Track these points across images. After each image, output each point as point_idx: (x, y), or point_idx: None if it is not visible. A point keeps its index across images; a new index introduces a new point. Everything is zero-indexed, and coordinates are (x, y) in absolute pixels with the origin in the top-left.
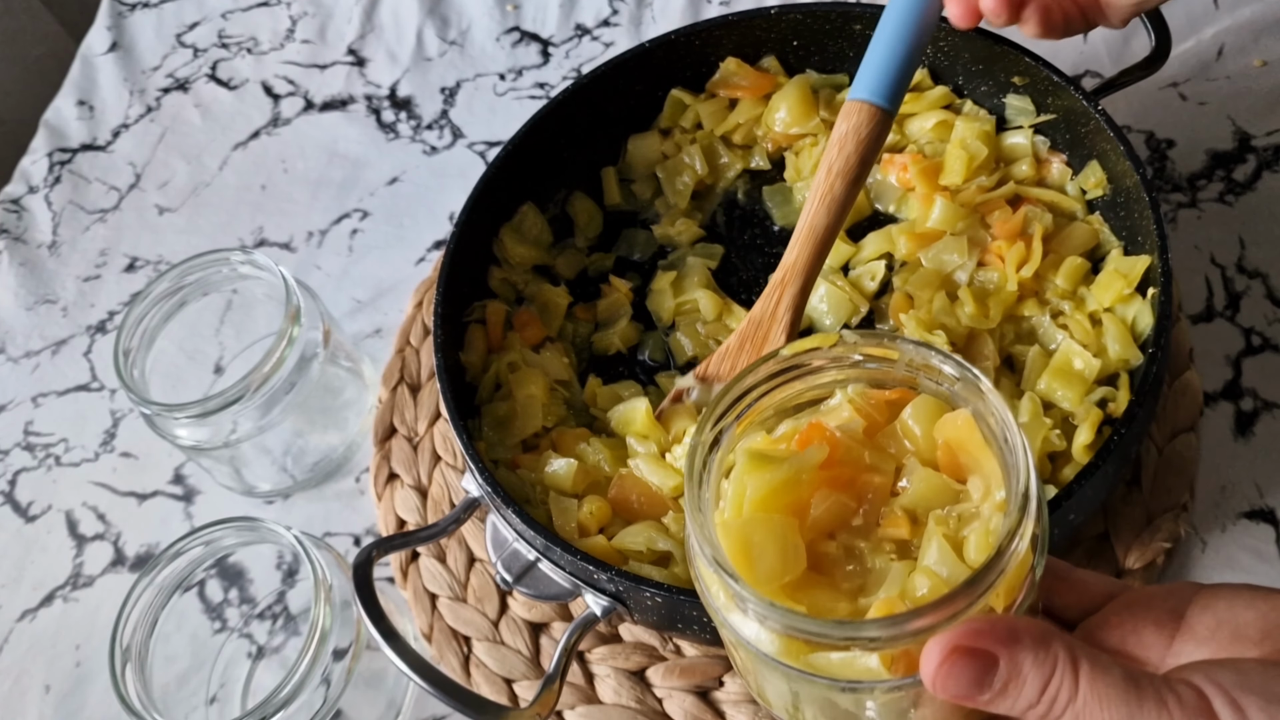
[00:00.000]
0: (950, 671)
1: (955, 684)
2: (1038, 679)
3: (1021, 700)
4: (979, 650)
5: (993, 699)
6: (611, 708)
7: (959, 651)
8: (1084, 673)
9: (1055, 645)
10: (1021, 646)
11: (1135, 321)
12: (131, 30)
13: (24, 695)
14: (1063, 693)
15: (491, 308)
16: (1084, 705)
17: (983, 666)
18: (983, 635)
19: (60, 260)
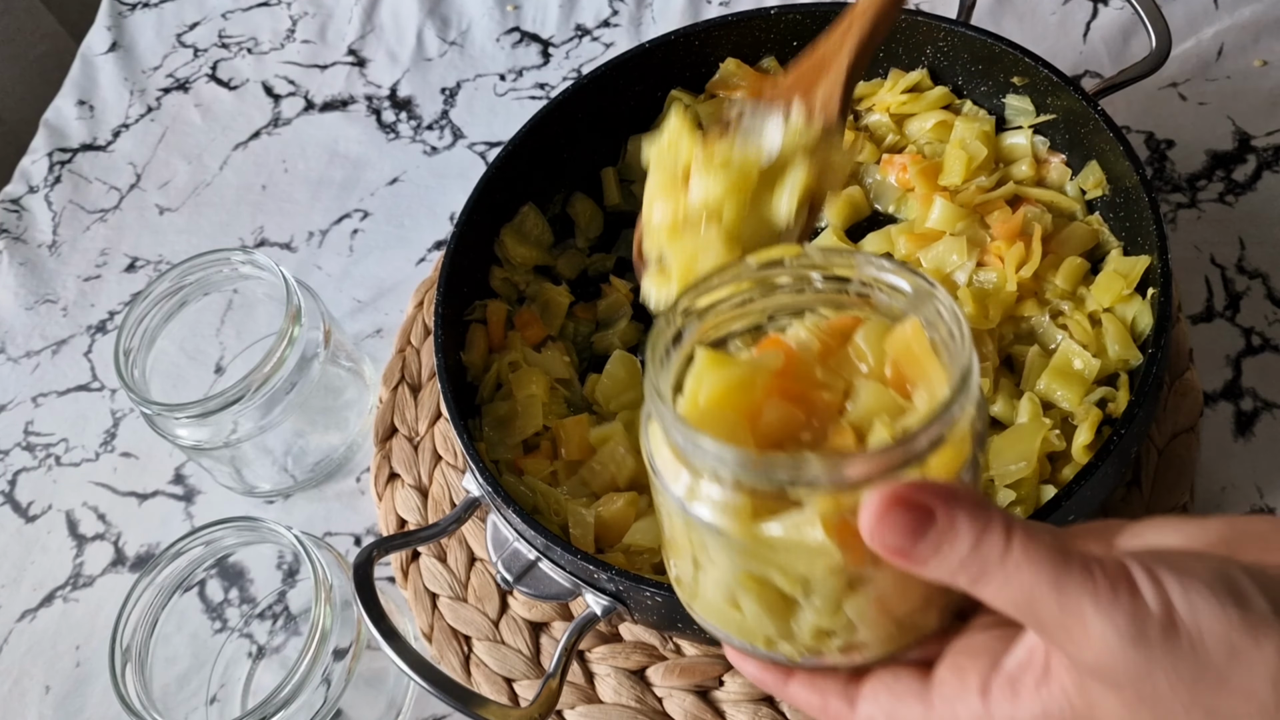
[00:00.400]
0: (888, 521)
1: (892, 534)
2: (971, 535)
3: (955, 556)
4: (917, 503)
5: (927, 553)
6: (611, 707)
7: (897, 501)
8: (1016, 535)
9: (991, 509)
10: (960, 504)
11: (1135, 322)
12: (132, 30)
13: (24, 696)
14: (994, 551)
15: (493, 307)
16: (1014, 564)
17: (919, 519)
18: (922, 490)
19: (61, 260)
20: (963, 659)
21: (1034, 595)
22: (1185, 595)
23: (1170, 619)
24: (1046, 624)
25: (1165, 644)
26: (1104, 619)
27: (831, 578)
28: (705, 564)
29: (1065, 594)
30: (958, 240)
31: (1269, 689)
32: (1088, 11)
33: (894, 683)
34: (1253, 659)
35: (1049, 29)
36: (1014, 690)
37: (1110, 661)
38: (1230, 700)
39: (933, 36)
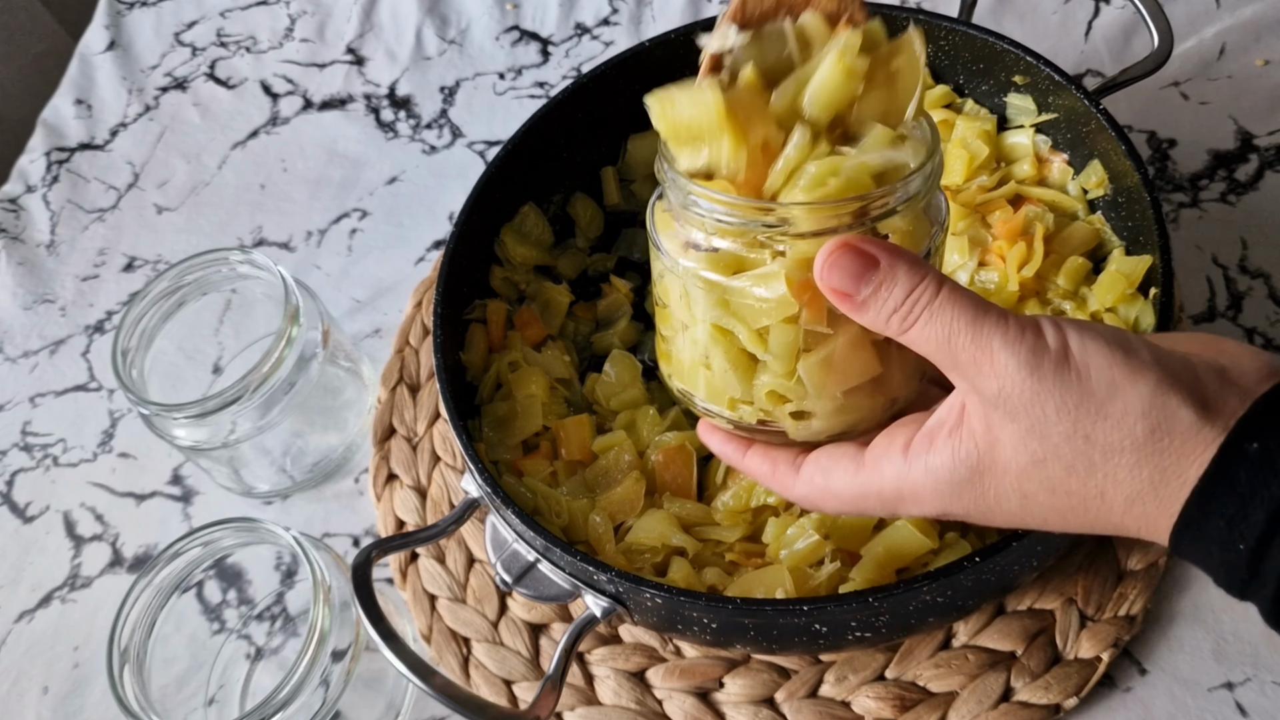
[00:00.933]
0: (837, 261)
1: (839, 274)
2: (907, 283)
3: (891, 301)
4: (864, 251)
5: (868, 296)
6: (611, 709)
7: (848, 246)
8: (946, 287)
9: (927, 266)
10: (901, 258)
11: (1137, 322)
12: (130, 29)
13: (22, 697)
14: (925, 295)
15: (492, 306)
16: (940, 306)
17: (864, 263)
18: (871, 242)
19: (59, 260)
20: (895, 429)
21: (953, 332)
22: (1081, 340)
23: (1064, 355)
24: (961, 359)
25: (1056, 374)
26: (1008, 351)
27: (788, 331)
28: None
29: (980, 332)
30: (959, 240)
31: (1139, 418)
32: (1089, 10)
33: (835, 450)
34: (1128, 394)
35: (1050, 28)
36: (930, 441)
37: (1010, 388)
38: (1105, 427)
39: (934, 35)
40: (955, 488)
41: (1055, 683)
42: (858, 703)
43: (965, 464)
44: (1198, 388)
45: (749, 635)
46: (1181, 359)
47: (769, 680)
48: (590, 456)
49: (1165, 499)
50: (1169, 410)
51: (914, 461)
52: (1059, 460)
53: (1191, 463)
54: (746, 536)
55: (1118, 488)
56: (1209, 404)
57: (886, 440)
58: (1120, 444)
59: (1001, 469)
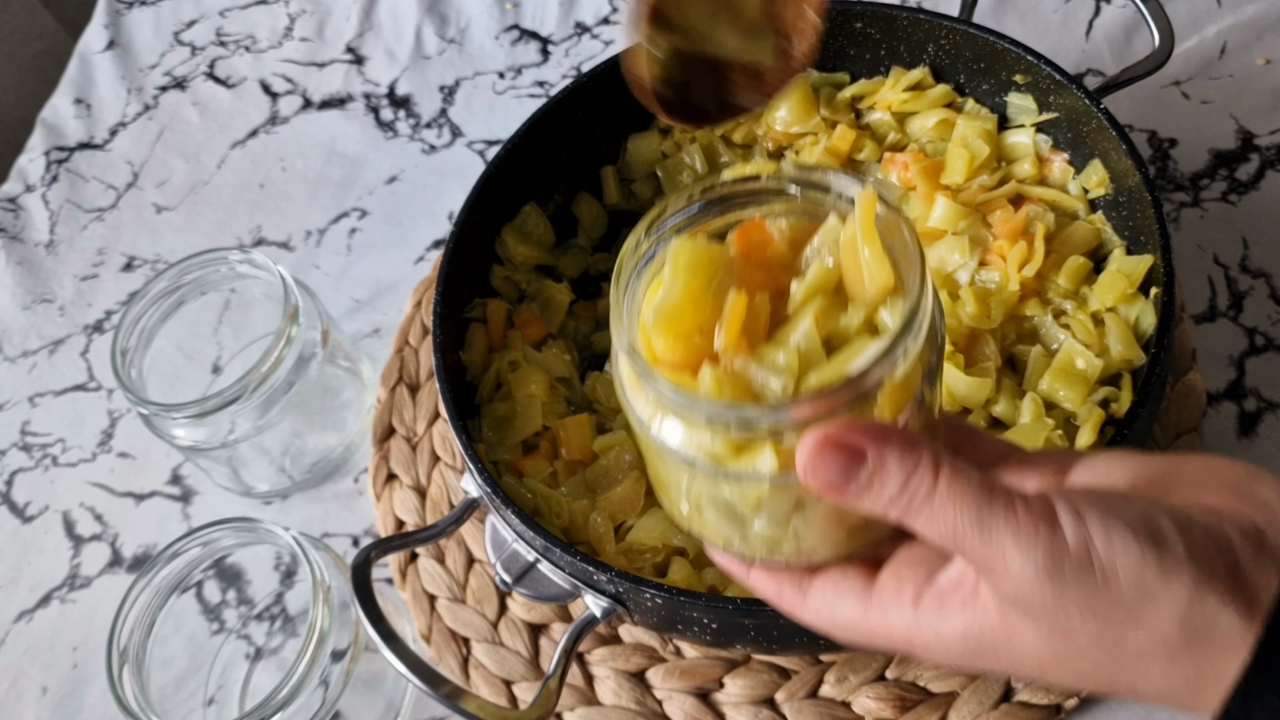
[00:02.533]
0: (821, 460)
1: (825, 472)
2: (899, 474)
3: (885, 494)
4: (849, 444)
5: (859, 491)
6: (611, 709)
7: (830, 442)
8: (944, 474)
9: (921, 449)
10: (890, 445)
11: (1138, 321)
12: (129, 28)
13: (21, 697)
14: (922, 489)
15: (492, 306)
16: (940, 502)
17: (851, 459)
18: (854, 431)
19: (57, 259)
20: (904, 568)
21: (958, 530)
22: (1106, 534)
23: (1087, 556)
24: (970, 558)
25: (1080, 580)
26: (1023, 554)
27: (779, 502)
28: (671, 479)
29: (988, 530)
30: (960, 239)
31: (1174, 626)
32: (1090, 9)
33: (841, 580)
34: (1161, 598)
35: (1051, 27)
36: (942, 605)
37: (1028, 594)
38: (1137, 635)
39: (934, 34)
40: (967, 657)
41: None
42: (858, 703)
43: (978, 640)
44: (1236, 572)
45: (749, 635)
46: (1217, 534)
47: (769, 680)
48: (590, 456)
49: (1202, 695)
50: (1207, 615)
51: (923, 620)
52: (1084, 659)
53: (1232, 659)
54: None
55: (1149, 684)
56: (1250, 594)
57: (895, 583)
58: (1154, 650)
59: (1019, 655)
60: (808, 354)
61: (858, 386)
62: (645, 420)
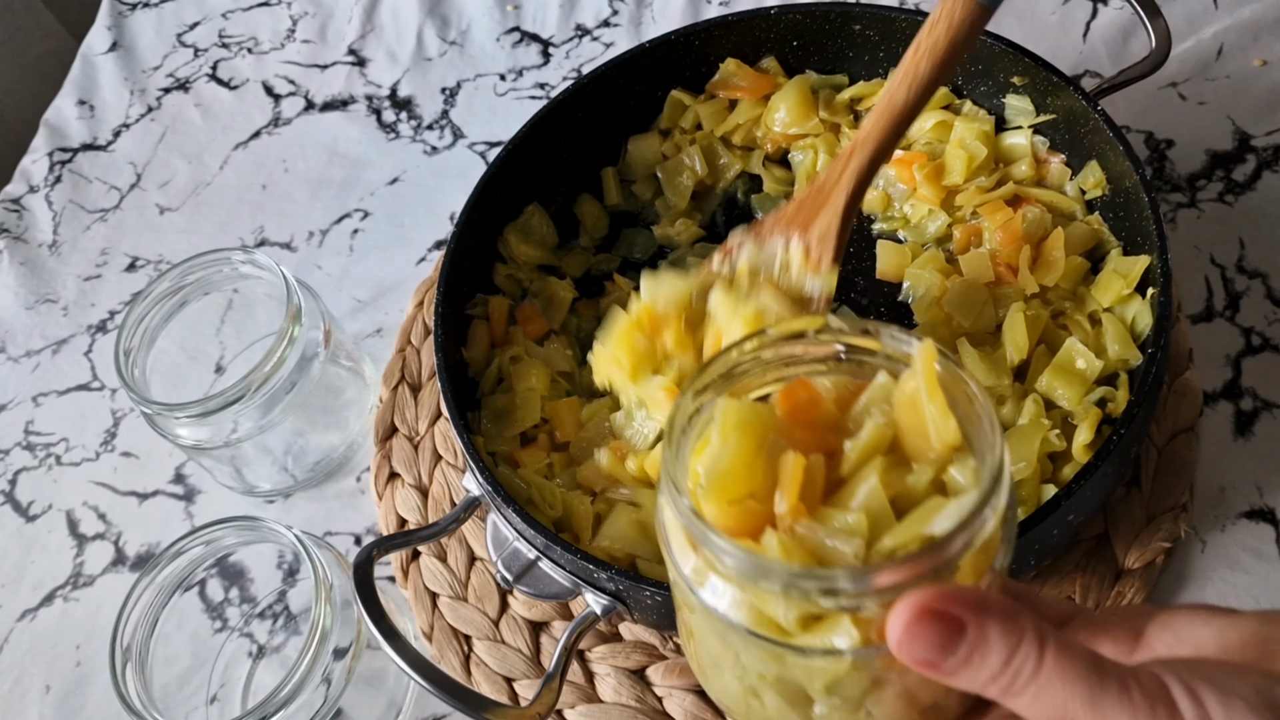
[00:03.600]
0: (917, 632)
1: (921, 646)
2: (1003, 649)
3: (985, 670)
4: (948, 614)
5: (957, 666)
6: (611, 706)
7: (928, 613)
8: (1050, 649)
9: (1024, 620)
10: (991, 616)
11: (1135, 321)
12: (132, 30)
13: (24, 695)
14: (1027, 665)
15: (494, 302)
16: (1047, 679)
17: (950, 631)
18: (953, 600)
19: (61, 260)
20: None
21: (1068, 712)
22: (1227, 715)
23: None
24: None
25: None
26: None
27: (855, 682)
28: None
29: (1101, 713)
30: (978, 290)
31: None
32: (1087, 11)
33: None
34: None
35: (1049, 29)
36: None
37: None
38: None
39: None
40: None
41: None
42: None
43: None
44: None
45: None
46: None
47: None
48: (581, 430)
49: None
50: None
51: None
52: None
53: None
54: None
55: None
56: None
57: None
58: None
59: None
60: (877, 515)
61: (948, 548)
62: (697, 589)
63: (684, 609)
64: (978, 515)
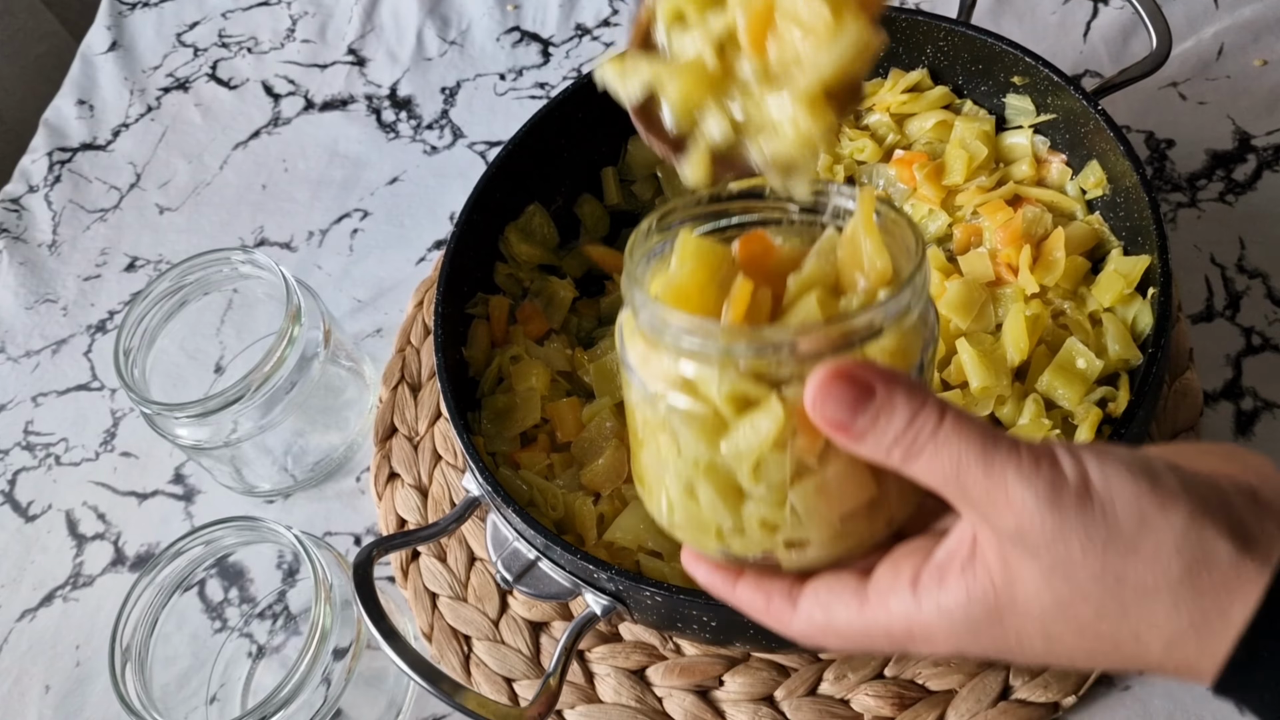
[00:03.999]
0: (831, 392)
1: (833, 405)
2: (907, 411)
3: (890, 432)
4: (860, 378)
5: (865, 428)
6: (611, 707)
7: (842, 375)
8: (949, 413)
9: (927, 392)
10: (898, 384)
11: (1135, 321)
12: (132, 29)
13: (24, 695)
14: (928, 426)
15: (495, 302)
16: (945, 439)
17: (860, 393)
18: (864, 368)
19: (60, 259)
20: (899, 559)
21: (962, 466)
22: (1101, 469)
23: (1085, 487)
24: (972, 494)
25: (1079, 509)
26: (1024, 485)
27: (780, 462)
28: (668, 454)
29: (991, 465)
30: (977, 293)
31: (1173, 555)
32: (1088, 11)
33: (834, 581)
34: (1160, 527)
35: (1049, 28)
36: (941, 577)
37: (1029, 525)
38: (1138, 567)
39: (933, 36)
40: (972, 628)
41: (1054, 681)
42: (857, 701)
43: (982, 603)
44: (1232, 514)
45: (749, 633)
46: (1207, 482)
47: (769, 678)
48: (581, 430)
49: (1208, 641)
50: (1205, 544)
51: (924, 599)
52: (1087, 602)
53: (1234, 601)
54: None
55: (1154, 631)
56: (1247, 533)
57: (891, 573)
58: (1155, 584)
59: (1023, 609)
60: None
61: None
62: (646, 383)
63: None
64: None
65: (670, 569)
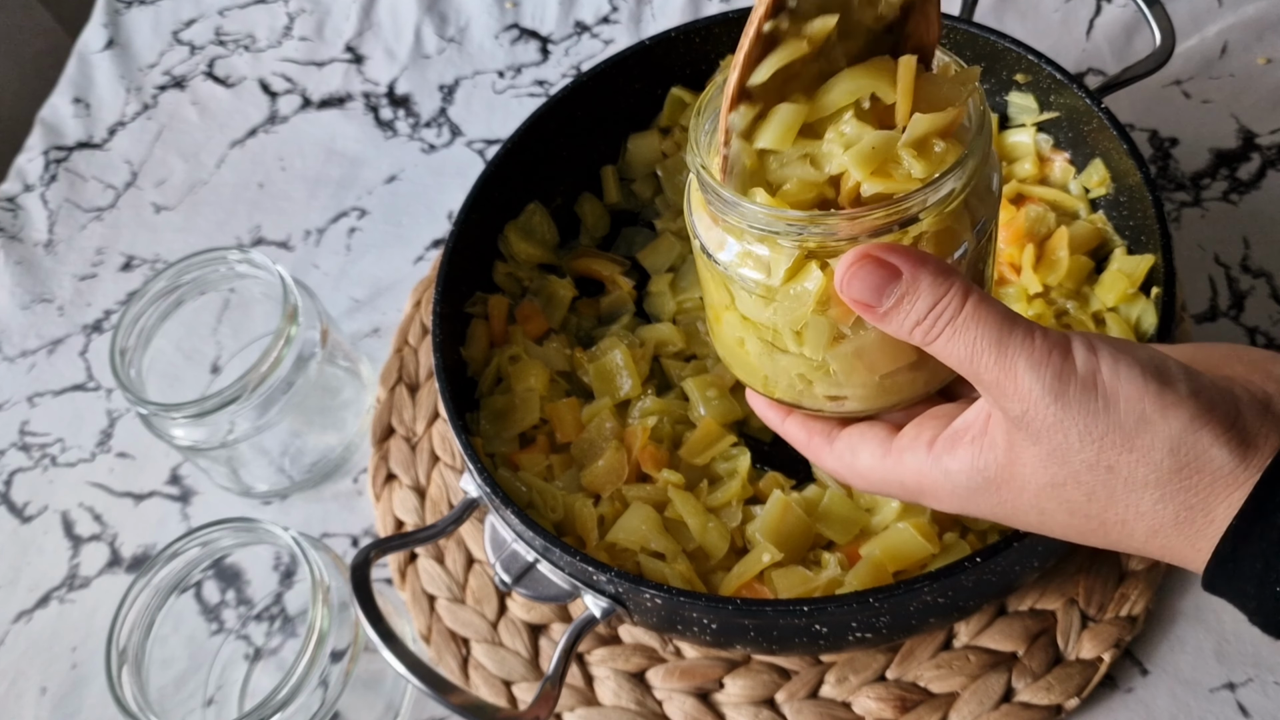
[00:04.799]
0: (857, 273)
1: (860, 286)
2: (930, 297)
3: (913, 314)
4: (886, 262)
5: (890, 308)
6: (611, 710)
7: (868, 258)
8: (972, 299)
9: (954, 276)
10: (925, 269)
11: (1139, 321)
12: (128, 27)
13: (20, 698)
14: (949, 310)
15: (494, 301)
16: (963, 323)
17: (886, 275)
18: (893, 251)
19: (56, 259)
20: (925, 420)
21: (976, 351)
22: (1114, 365)
23: (1093, 381)
24: (985, 378)
25: (1082, 401)
26: (1033, 374)
27: (820, 327)
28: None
29: (1005, 352)
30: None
31: (1166, 454)
32: (1091, 8)
33: (867, 430)
34: (1157, 427)
35: (1052, 26)
36: (954, 443)
37: (1033, 412)
38: (1130, 459)
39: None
40: (972, 494)
41: (1057, 683)
42: (858, 704)
43: (983, 474)
44: (1237, 422)
45: (749, 636)
46: (1224, 389)
47: (769, 681)
48: (581, 431)
49: (1191, 535)
50: (1200, 448)
51: (936, 460)
52: (1079, 486)
53: (1220, 502)
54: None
55: (1140, 519)
56: (1247, 440)
57: (915, 431)
58: (1145, 478)
59: (1019, 485)
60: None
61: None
62: (709, 246)
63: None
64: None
65: (670, 570)
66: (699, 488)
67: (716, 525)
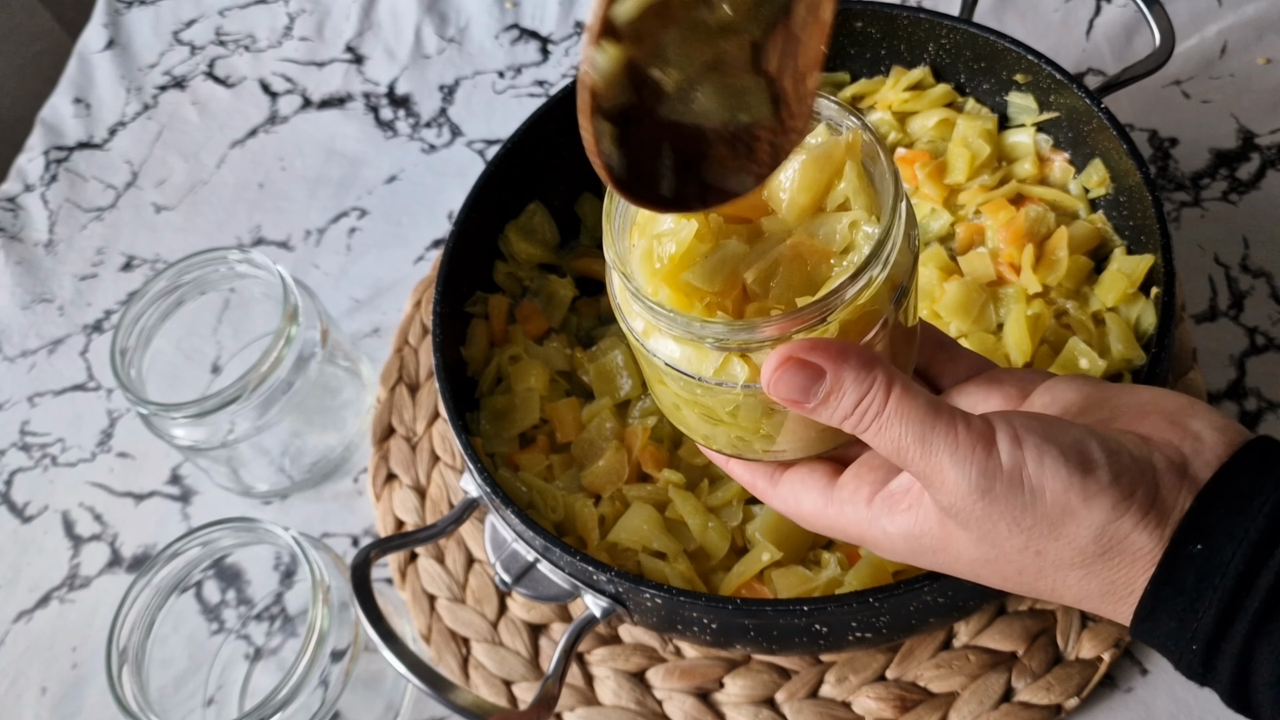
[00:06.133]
0: (782, 376)
1: (785, 388)
2: (855, 394)
3: (840, 410)
4: (809, 363)
5: (816, 406)
6: (611, 709)
7: (792, 361)
8: (895, 394)
9: (876, 369)
10: (847, 365)
11: (1138, 321)
12: (128, 27)
13: (20, 697)
14: (874, 406)
15: (494, 301)
16: (888, 419)
17: (810, 376)
18: (815, 350)
19: (57, 259)
20: (863, 470)
21: (902, 445)
22: (1039, 458)
23: (1018, 476)
24: (913, 470)
25: (1009, 496)
26: (958, 470)
27: (751, 409)
28: (656, 380)
29: (929, 447)
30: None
31: (1090, 541)
32: (1091, 9)
33: (808, 476)
34: (1081, 517)
35: (1052, 26)
36: (891, 507)
37: (961, 506)
38: (1056, 546)
39: (935, 34)
40: (911, 554)
41: (1056, 683)
42: (858, 703)
43: (919, 541)
44: (1155, 502)
45: (749, 636)
46: (1144, 464)
47: (769, 681)
48: (581, 431)
49: (1115, 603)
50: (1121, 533)
51: (875, 518)
52: (1010, 563)
53: (1140, 574)
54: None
55: (1068, 589)
56: (1164, 514)
57: (854, 483)
58: (1071, 560)
59: (954, 554)
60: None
61: (820, 310)
62: (636, 332)
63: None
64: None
65: (671, 570)
66: (699, 487)
67: (717, 525)
